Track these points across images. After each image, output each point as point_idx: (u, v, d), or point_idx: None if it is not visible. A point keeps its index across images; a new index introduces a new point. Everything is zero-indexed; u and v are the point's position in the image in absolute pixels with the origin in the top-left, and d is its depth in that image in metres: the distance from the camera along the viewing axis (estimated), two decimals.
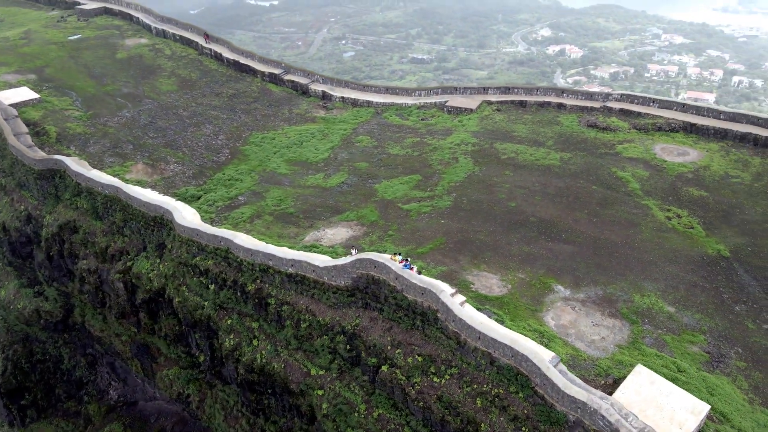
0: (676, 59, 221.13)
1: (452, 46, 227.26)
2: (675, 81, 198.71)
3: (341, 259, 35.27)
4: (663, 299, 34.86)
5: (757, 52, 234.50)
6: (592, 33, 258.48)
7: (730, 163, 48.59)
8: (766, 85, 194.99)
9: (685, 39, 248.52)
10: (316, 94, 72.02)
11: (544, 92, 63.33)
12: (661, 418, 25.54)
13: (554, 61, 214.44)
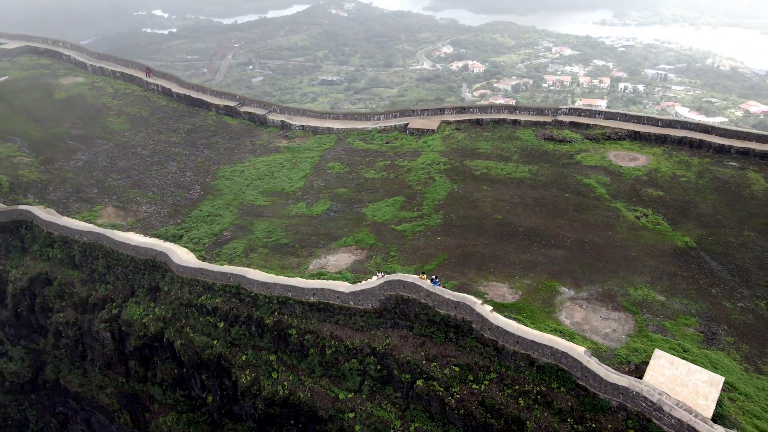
0: (567, 69, 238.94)
1: (360, 66, 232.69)
2: (570, 90, 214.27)
3: (368, 282, 36.62)
4: (653, 290, 39.08)
5: (635, 59, 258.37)
6: (490, 48, 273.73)
7: (675, 164, 54.85)
8: (648, 90, 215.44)
9: (573, 51, 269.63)
10: (274, 124, 72.64)
11: (498, 110, 67.94)
12: (688, 393, 29.04)
13: (459, 76, 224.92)
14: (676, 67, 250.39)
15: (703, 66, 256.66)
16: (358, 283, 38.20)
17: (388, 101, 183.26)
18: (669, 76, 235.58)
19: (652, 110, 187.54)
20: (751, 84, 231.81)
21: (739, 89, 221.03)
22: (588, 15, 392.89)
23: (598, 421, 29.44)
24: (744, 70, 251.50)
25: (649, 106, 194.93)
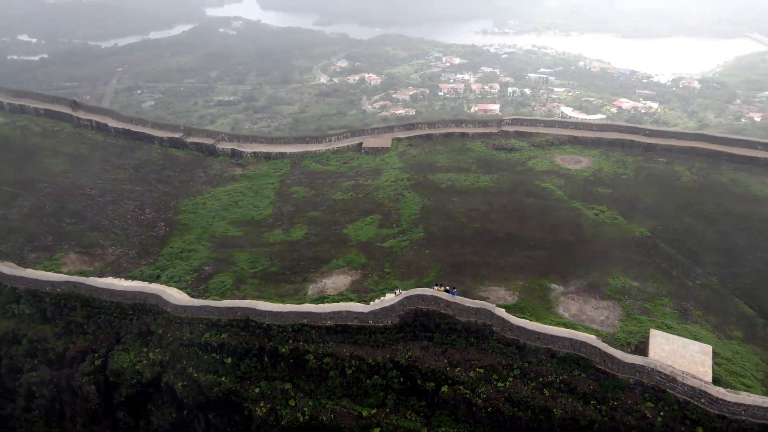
0: (459, 77, 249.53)
1: (257, 85, 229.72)
2: (464, 97, 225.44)
3: (387, 300, 38.18)
4: (627, 277, 43.92)
5: (518, 65, 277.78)
6: (384, 60, 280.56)
7: (614, 164, 61.31)
8: (534, 92, 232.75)
9: (462, 59, 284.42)
10: (224, 152, 71.88)
11: (445, 124, 71.89)
12: (687, 363, 33.46)
13: (358, 89, 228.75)
14: (555, 71, 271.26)
15: (577, 68, 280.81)
16: (372, 302, 39.58)
17: (290, 118, 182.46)
18: (550, 78, 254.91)
19: (539, 111, 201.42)
20: (619, 83, 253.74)
21: (609, 88, 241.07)
22: (470, 25, 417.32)
23: (618, 399, 33.10)
24: (612, 71, 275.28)
25: (537, 108, 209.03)
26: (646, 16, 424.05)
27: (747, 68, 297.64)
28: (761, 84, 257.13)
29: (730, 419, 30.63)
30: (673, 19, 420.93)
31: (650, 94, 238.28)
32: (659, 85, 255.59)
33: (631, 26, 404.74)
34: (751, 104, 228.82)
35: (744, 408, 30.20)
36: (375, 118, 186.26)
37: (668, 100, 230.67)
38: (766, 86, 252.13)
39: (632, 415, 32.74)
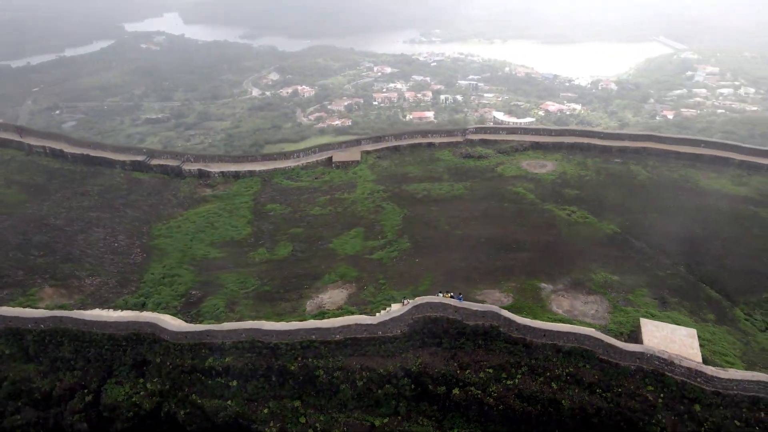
0: (392, 86, 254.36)
1: (186, 101, 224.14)
2: (399, 105, 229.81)
3: (395, 310, 39.15)
4: (607, 272, 47.02)
5: (447, 72, 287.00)
6: (316, 72, 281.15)
7: (576, 166, 65.10)
8: (465, 99, 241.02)
9: (393, 68, 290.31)
10: (191, 173, 70.68)
11: (411, 135, 73.81)
12: (678, 347, 36.45)
13: (291, 101, 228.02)
14: (483, 77, 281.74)
15: (504, 74, 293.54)
16: (377, 313, 40.49)
17: (224, 134, 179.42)
18: (479, 85, 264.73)
19: (472, 117, 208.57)
20: (543, 87, 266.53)
21: (535, 92, 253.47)
22: (397, 35, 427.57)
23: (621, 385, 35.61)
24: (536, 76, 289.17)
25: (469, 114, 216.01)
26: (564, 22, 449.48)
27: (656, 69, 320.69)
28: (670, 84, 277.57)
29: (724, 395, 33.74)
30: (588, 25, 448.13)
31: (573, 96, 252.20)
32: (580, 88, 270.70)
33: (550, 33, 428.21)
34: (663, 103, 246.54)
35: (736, 383, 33.36)
36: (312, 129, 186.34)
37: (590, 101, 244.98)
38: (674, 86, 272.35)
39: (635, 399, 35.33)
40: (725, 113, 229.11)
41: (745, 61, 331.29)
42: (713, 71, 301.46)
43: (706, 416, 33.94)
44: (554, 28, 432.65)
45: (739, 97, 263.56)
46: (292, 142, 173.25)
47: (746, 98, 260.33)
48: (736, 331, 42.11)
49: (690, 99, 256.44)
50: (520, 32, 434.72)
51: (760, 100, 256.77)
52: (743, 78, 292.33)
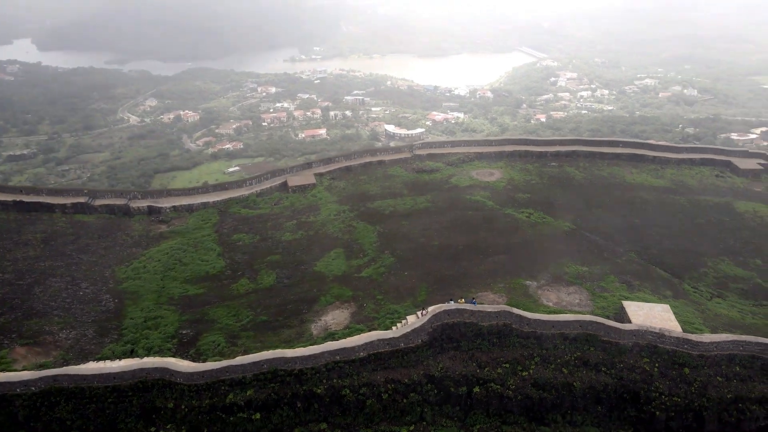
0: (279, 106, 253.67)
1: (54, 134, 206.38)
2: (289, 124, 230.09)
3: (415, 321, 41.18)
4: (576, 264, 52.43)
5: (332, 89, 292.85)
6: (197, 96, 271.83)
7: (520, 173, 71.07)
8: (354, 114, 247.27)
9: (278, 88, 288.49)
10: (141, 211, 67.83)
11: (360, 155, 76.22)
12: (660, 321, 42.08)
13: (175, 127, 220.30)
14: (368, 92, 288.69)
15: (387, 88, 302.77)
16: (394, 327, 42.36)
17: (104, 166, 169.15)
18: (366, 99, 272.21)
19: (364, 131, 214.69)
20: (426, 98, 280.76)
21: (419, 103, 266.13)
22: (277, 54, 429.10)
23: (623, 361, 40.46)
24: (417, 88, 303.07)
25: (360, 128, 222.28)
26: (438, 36, 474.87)
27: (523, 77, 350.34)
28: (537, 89, 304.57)
29: (707, 356, 39.62)
30: (459, 38, 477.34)
31: (455, 105, 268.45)
32: (460, 97, 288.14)
33: (425, 46, 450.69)
34: (534, 107, 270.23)
35: (715, 345, 39.36)
36: (203, 155, 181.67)
37: (470, 109, 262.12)
38: (541, 91, 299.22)
39: (635, 371, 40.31)
40: (588, 113, 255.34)
41: (596, 66, 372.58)
42: (572, 76, 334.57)
43: (694, 377, 39.63)
44: (429, 42, 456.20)
45: (596, 98, 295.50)
46: (184, 170, 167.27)
47: (603, 99, 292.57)
48: (691, 303, 49.01)
49: (557, 102, 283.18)
50: (397, 47, 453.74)
51: (614, 100, 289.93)
52: (598, 81, 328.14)
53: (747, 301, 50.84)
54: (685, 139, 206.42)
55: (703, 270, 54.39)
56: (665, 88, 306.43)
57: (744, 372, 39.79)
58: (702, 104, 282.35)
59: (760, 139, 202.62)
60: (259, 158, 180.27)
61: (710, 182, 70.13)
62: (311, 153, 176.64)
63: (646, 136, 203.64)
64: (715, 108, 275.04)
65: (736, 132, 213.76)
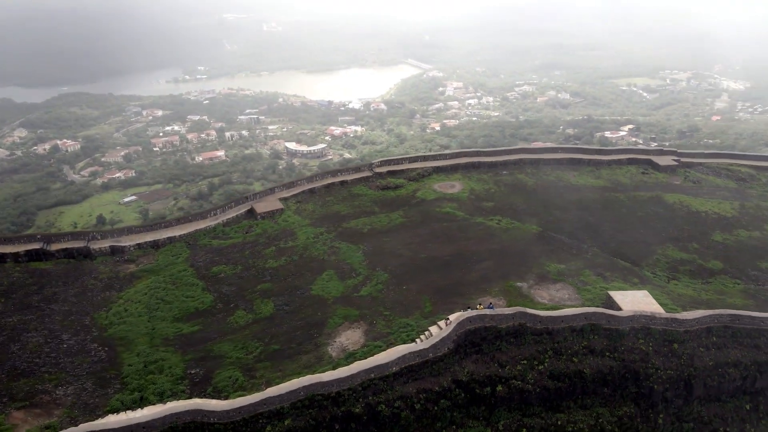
0: (169, 130, 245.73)
1: None
2: (183, 148, 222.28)
3: (441, 332, 43.39)
4: (554, 263, 57.44)
5: (223, 109, 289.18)
6: (74, 123, 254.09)
7: (478, 183, 75.87)
8: (251, 133, 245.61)
9: (166, 111, 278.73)
10: (103, 252, 64.42)
11: (322, 177, 77.36)
12: (644, 305, 47.66)
13: (53, 158, 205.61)
14: (261, 110, 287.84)
15: (280, 105, 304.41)
16: (418, 339, 44.42)
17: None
18: (260, 118, 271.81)
19: (264, 151, 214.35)
20: (321, 113, 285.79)
21: (315, 119, 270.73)
22: (157, 75, 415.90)
23: (623, 345, 45.42)
24: (311, 104, 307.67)
25: (259, 147, 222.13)
26: (325, 52, 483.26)
27: (413, 88, 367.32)
28: (428, 99, 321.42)
29: (690, 331, 45.64)
30: (347, 53, 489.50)
31: (351, 119, 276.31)
32: (355, 111, 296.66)
33: (314, 62, 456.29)
34: (427, 117, 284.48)
35: (696, 320, 45.47)
36: (91, 186, 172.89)
37: (367, 122, 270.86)
38: (431, 101, 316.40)
39: (634, 353, 45.43)
40: (478, 120, 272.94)
41: (478, 75, 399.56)
42: (459, 85, 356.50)
43: (682, 351, 45.46)
44: (317, 58, 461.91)
45: (483, 105, 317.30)
46: (72, 204, 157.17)
47: (489, 106, 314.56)
48: (656, 287, 55.61)
49: (448, 111, 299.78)
50: (285, 63, 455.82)
51: (499, 106, 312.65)
52: (482, 89, 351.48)
53: (696, 281, 58.55)
54: (567, 139, 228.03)
55: (656, 257, 61.70)
56: (542, 93, 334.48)
57: (719, 341, 46.26)
58: (575, 106, 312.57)
59: (629, 135, 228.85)
60: (157, 185, 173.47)
61: (639, 179, 79.14)
62: (213, 176, 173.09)
63: (533, 138, 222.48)
64: (586, 109, 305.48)
65: (609, 130, 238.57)
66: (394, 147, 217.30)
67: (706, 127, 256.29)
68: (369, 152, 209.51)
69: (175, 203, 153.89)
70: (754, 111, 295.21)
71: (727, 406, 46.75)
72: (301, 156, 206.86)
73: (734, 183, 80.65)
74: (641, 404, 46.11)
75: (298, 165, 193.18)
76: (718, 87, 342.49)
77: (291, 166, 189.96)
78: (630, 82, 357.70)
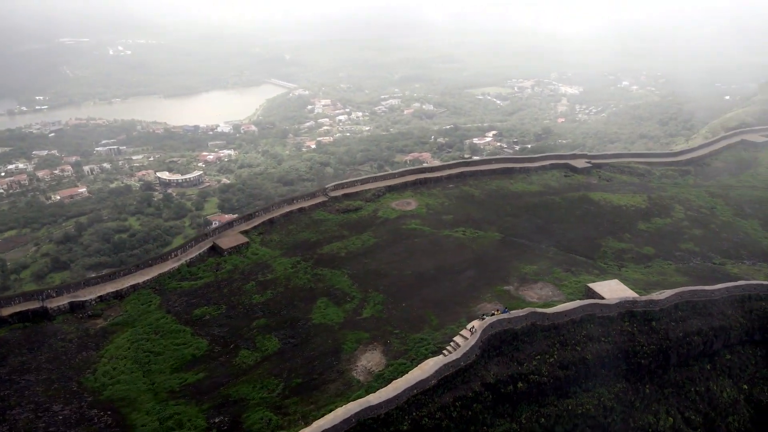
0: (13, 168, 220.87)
1: None
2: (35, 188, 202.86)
3: (468, 341, 46.19)
4: (528, 265, 63.00)
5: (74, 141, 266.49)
6: None
7: (430, 198, 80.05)
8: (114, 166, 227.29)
9: (5, 147, 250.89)
10: (62, 310, 59.07)
11: (279, 206, 76.89)
12: (620, 291, 54.50)
13: None
14: (119, 140, 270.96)
15: (140, 133, 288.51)
16: (445, 351, 46.96)
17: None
18: (121, 148, 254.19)
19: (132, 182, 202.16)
20: (189, 139, 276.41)
21: (183, 146, 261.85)
22: None
23: (614, 329, 51.50)
24: (176, 130, 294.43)
25: (126, 179, 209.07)
26: (183, 75, 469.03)
27: (280, 107, 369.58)
28: (298, 118, 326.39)
29: (664, 309, 53.03)
30: (207, 75, 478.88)
31: (222, 143, 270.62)
32: (225, 135, 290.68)
33: (172, 86, 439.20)
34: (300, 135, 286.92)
35: (667, 300, 52.96)
36: None
37: (239, 145, 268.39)
38: (302, 119, 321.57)
39: (623, 335, 51.77)
40: (351, 135, 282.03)
41: (344, 92, 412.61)
42: (327, 102, 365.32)
43: (659, 327, 52.66)
44: (175, 81, 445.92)
45: (353, 120, 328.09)
46: None
47: (359, 121, 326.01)
48: (613, 275, 63.24)
49: (320, 128, 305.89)
50: (139, 88, 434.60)
51: (368, 120, 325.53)
52: (350, 105, 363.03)
53: (639, 266, 67.35)
54: (440, 148, 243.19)
55: (602, 249, 69.90)
56: (408, 105, 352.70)
57: (684, 314, 54.21)
58: (439, 116, 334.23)
59: (494, 140, 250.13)
60: (11, 231, 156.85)
61: (565, 182, 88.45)
62: (79, 215, 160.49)
63: (409, 149, 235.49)
64: (450, 118, 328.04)
65: (476, 137, 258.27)
66: (273, 169, 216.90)
67: (556, 128, 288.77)
68: (248, 175, 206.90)
69: (37, 249, 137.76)
70: (590, 112, 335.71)
71: (694, 368, 54.73)
72: (176, 185, 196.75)
73: (637, 178, 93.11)
74: (631, 379, 52.50)
75: (176, 195, 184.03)
76: (558, 92, 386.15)
77: (168, 197, 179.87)
78: (484, 91, 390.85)
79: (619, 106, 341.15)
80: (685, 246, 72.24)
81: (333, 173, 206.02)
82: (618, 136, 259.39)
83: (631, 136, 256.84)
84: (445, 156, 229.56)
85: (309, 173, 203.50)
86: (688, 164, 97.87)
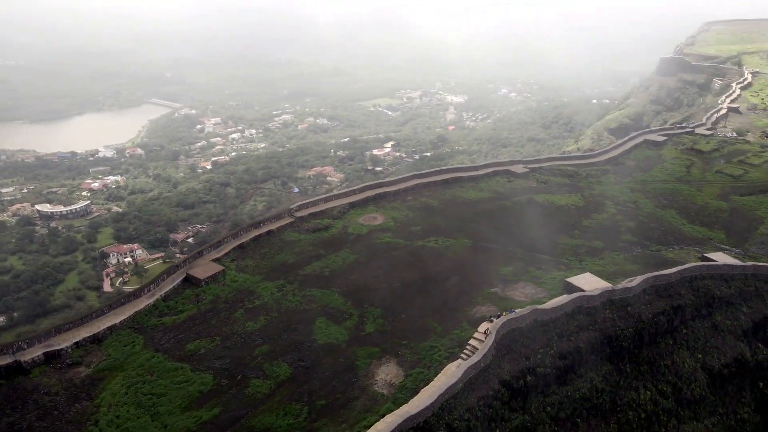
0: None
1: None
2: None
3: (484, 344, 48.90)
4: (504, 267, 67.27)
5: None
6: None
7: (393, 211, 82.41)
8: None
9: None
10: (37, 362, 54.44)
11: (246, 230, 75.53)
12: (595, 283, 60.17)
13: None
14: None
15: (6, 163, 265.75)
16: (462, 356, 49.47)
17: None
18: None
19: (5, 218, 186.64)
20: (66, 167, 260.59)
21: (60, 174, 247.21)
22: None
23: (599, 317, 56.86)
24: (49, 158, 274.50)
25: None
26: (51, 98, 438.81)
27: (166, 128, 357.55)
28: (187, 139, 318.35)
29: (636, 294, 59.31)
30: (77, 97, 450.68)
31: (106, 169, 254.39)
32: (109, 160, 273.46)
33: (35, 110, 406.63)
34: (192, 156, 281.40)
35: (637, 286, 59.35)
36: None
37: (126, 170, 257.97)
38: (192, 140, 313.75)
39: (606, 321, 57.32)
40: (248, 153, 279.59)
41: (233, 109, 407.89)
42: (217, 121, 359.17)
43: (633, 311, 58.82)
44: (39, 105, 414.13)
45: (247, 138, 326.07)
46: None
47: (253, 138, 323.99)
48: (578, 269, 69.30)
49: (213, 148, 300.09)
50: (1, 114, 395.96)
51: (263, 137, 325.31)
52: (242, 123, 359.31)
53: (594, 258, 74.13)
54: (342, 161, 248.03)
55: (561, 246, 76.05)
56: (301, 120, 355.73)
57: (650, 297, 60.96)
58: (334, 130, 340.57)
59: (392, 151, 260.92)
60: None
61: (510, 187, 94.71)
62: None
63: (311, 164, 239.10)
64: (345, 131, 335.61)
65: (375, 149, 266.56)
66: (169, 192, 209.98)
67: (449, 135, 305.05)
68: (143, 201, 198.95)
69: None
70: (477, 119, 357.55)
71: (661, 345, 61.58)
72: (60, 218, 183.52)
73: (568, 179, 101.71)
74: (614, 361, 58.20)
75: (62, 228, 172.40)
76: (445, 101, 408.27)
77: (54, 231, 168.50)
78: (375, 103, 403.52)
79: (503, 112, 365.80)
80: (625, 237, 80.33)
81: (235, 193, 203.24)
82: (509, 140, 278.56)
83: (521, 139, 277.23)
84: (347, 169, 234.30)
85: (209, 195, 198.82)
86: (607, 164, 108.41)
